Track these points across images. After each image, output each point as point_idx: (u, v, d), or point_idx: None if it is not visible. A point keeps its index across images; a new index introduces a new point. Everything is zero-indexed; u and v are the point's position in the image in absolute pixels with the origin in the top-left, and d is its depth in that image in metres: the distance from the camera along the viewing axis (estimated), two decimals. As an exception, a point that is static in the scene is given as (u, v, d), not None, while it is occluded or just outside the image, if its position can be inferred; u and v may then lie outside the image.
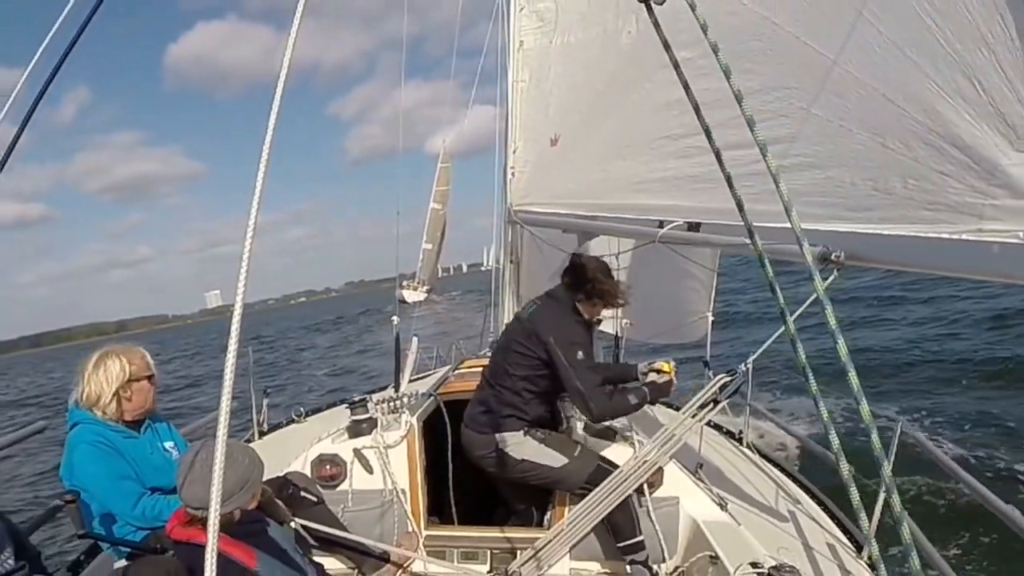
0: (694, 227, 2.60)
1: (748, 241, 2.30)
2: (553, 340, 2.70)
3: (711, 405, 2.64)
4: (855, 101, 2.04)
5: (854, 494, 1.61)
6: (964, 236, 1.77)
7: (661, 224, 2.72)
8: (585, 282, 2.82)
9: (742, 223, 2.45)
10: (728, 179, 1.63)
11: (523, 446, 2.85)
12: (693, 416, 2.63)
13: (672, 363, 2.82)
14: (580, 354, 2.68)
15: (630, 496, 2.70)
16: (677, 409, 3.02)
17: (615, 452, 2.89)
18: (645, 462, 2.69)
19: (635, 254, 4.41)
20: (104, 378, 2.35)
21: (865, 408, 1.41)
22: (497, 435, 2.88)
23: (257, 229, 0.90)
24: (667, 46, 1.55)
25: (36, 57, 1.50)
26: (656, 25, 1.56)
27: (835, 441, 1.56)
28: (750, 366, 2.53)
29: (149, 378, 2.44)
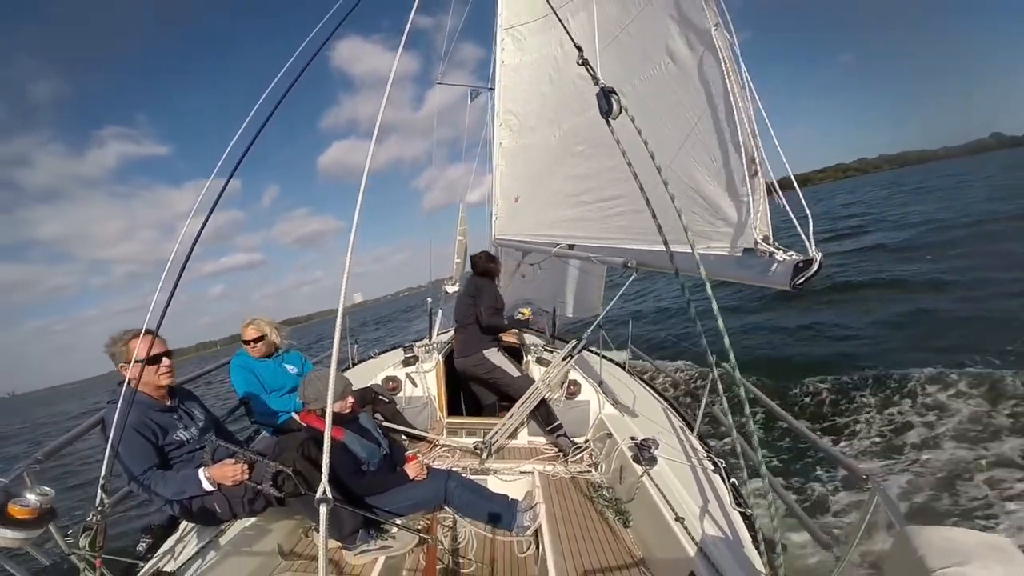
0: (572, 247, 2.62)
1: (591, 256, 2.32)
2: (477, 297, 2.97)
3: (574, 353, 2.70)
4: (651, 172, 2.05)
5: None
6: (699, 251, 1.77)
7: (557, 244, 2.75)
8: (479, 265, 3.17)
9: (596, 245, 2.48)
10: (650, 215, 1.62)
11: (495, 357, 2.97)
12: (564, 360, 2.67)
13: (528, 309, 2.99)
14: (486, 299, 2.98)
15: (547, 397, 2.78)
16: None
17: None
18: (544, 380, 2.76)
19: (565, 262, 4.44)
20: (244, 335, 2.54)
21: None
22: (484, 351, 2.98)
23: (355, 250, 0.90)
24: (618, 142, 1.52)
25: (220, 163, 1.34)
26: (612, 130, 1.53)
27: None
28: (597, 324, 2.53)
29: (256, 340, 2.52)
